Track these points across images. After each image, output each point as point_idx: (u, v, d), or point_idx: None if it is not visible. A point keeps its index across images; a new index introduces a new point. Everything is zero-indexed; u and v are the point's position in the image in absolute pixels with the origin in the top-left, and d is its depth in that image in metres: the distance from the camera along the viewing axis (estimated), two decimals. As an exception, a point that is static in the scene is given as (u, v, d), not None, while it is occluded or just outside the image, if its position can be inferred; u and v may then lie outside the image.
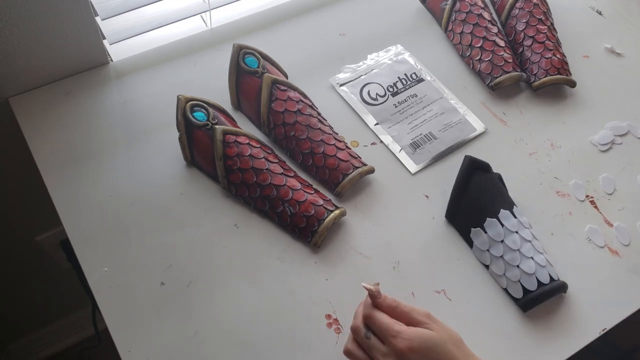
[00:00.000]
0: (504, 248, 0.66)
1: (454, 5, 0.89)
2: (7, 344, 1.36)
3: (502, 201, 0.69)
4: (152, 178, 0.73)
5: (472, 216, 0.69)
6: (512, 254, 0.66)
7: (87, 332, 1.48)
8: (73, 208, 0.69)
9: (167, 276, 0.65)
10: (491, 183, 0.70)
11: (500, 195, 0.70)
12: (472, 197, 0.69)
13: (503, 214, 0.68)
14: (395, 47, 0.88)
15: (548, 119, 0.82)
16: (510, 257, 0.66)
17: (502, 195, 0.70)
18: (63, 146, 0.74)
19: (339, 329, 0.63)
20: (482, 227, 0.68)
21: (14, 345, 1.38)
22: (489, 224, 0.67)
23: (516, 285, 0.65)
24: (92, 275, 0.65)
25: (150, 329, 0.62)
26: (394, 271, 0.68)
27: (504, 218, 0.67)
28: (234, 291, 0.65)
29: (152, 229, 0.69)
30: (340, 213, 0.69)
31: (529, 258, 0.65)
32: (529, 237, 0.67)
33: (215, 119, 0.72)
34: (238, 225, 0.70)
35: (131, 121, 0.78)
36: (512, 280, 0.65)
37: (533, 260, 0.65)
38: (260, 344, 0.62)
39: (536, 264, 0.65)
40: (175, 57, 0.85)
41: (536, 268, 0.65)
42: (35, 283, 1.20)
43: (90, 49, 0.79)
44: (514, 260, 0.65)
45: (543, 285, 0.64)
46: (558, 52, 0.85)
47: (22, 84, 0.78)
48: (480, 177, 0.70)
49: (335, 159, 0.72)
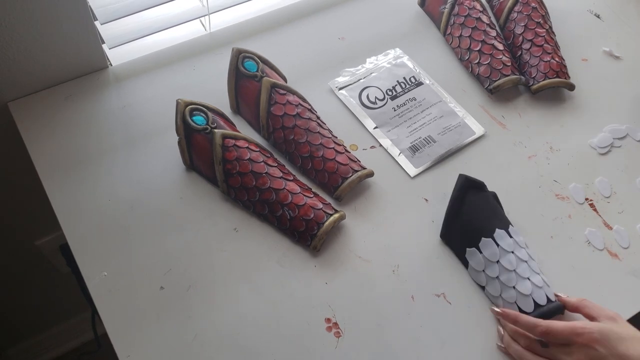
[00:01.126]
0: (499, 268, 0.65)
1: (453, 9, 0.89)
2: (6, 348, 1.36)
3: (497, 220, 0.68)
4: (152, 182, 0.73)
5: (467, 236, 0.67)
6: (508, 274, 0.65)
7: (86, 336, 1.48)
8: (72, 212, 0.69)
9: (166, 280, 0.65)
10: (485, 202, 0.69)
11: (495, 214, 0.69)
12: (466, 216, 0.68)
13: (498, 233, 0.66)
14: (394, 51, 0.88)
15: (547, 122, 0.83)
16: (506, 278, 0.64)
17: (497, 214, 0.69)
18: (62, 150, 0.74)
19: (339, 332, 0.63)
20: (477, 247, 0.66)
21: (13, 349, 1.38)
22: (484, 244, 0.66)
23: (512, 307, 0.64)
24: (91, 280, 0.65)
25: (149, 333, 0.62)
26: (394, 274, 0.68)
27: (499, 238, 0.66)
28: (234, 295, 0.65)
29: (152, 233, 0.69)
30: (340, 217, 0.69)
31: (525, 279, 0.64)
32: (525, 257, 0.66)
33: (215, 123, 0.72)
34: (237, 229, 0.70)
35: (130, 125, 0.78)
36: (509, 302, 0.64)
37: (529, 281, 0.64)
38: (260, 348, 0.62)
39: (533, 285, 0.64)
40: (175, 62, 0.85)
41: (532, 289, 0.64)
42: (35, 287, 1.20)
43: (89, 53, 0.79)
44: (510, 281, 0.64)
45: (540, 306, 0.63)
46: (557, 55, 0.85)
47: (21, 89, 0.78)
48: (474, 196, 0.69)
49: (335, 162, 0.72)
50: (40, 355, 1.46)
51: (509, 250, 0.66)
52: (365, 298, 0.66)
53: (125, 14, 0.78)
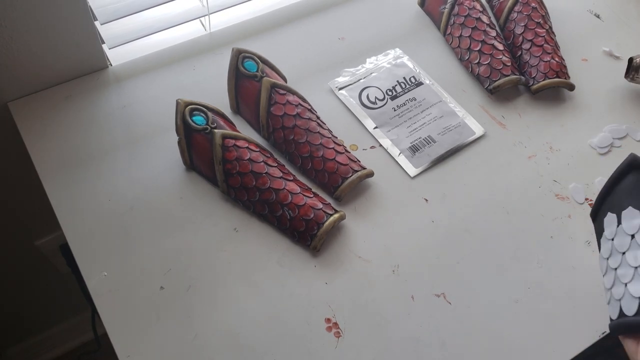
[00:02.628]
0: (622, 259, 0.56)
1: (453, 9, 0.89)
2: (6, 348, 1.36)
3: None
4: (152, 182, 0.73)
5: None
6: (626, 269, 0.55)
7: (86, 336, 1.48)
8: (72, 212, 0.69)
9: (166, 280, 0.65)
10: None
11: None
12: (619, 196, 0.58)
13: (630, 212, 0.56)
14: (394, 51, 0.88)
15: (547, 122, 0.83)
16: (623, 273, 0.55)
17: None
18: (62, 150, 0.74)
19: (339, 332, 0.63)
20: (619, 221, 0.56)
21: (13, 349, 1.38)
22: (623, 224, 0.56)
23: (616, 305, 0.55)
24: (91, 280, 0.65)
25: (149, 333, 0.62)
26: (394, 274, 0.68)
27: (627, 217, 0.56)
28: (234, 295, 0.65)
29: (152, 233, 0.69)
30: (340, 217, 0.69)
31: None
32: None
33: (215, 123, 0.72)
34: (237, 229, 0.70)
35: (130, 125, 0.78)
36: (615, 298, 0.55)
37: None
38: (260, 348, 0.62)
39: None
40: (175, 61, 0.85)
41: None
42: (35, 287, 1.20)
43: (89, 53, 0.79)
44: (625, 277, 0.55)
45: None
46: (556, 55, 0.85)
47: (21, 89, 0.78)
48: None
49: (335, 162, 0.72)
50: (40, 355, 1.46)
51: (630, 234, 0.55)
52: (365, 298, 0.66)
53: (125, 14, 0.78)
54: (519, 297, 0.67)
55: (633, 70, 0.83)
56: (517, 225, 0.72)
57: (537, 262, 0.70)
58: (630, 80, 0.84)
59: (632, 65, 0.83)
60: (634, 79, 0.83)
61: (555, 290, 0.68)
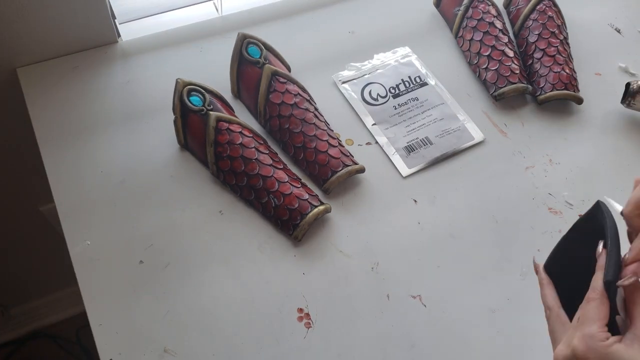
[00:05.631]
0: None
1: (467, 12, 0.88)
2: (9, 307, 1.40)
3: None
4: (145, 158, 0.74)
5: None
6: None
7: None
8: (64, 180, 0.71)
9: (146, 255, 0.66)
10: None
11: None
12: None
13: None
14: (403, 49, 0.88)
15: (550, 134, 0.81)
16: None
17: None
18: (63, 119, 0.76)
19: (309, 323, 0.64)
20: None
21: (16, 309, 1.42)
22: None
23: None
24: (74, 247, 0.66)
25: (124, 305, 0.63)
26: (372, 272, 0.67)
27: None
28: (210, 277, 0.66)
29: (138, 208, 0.70)
30: (325, 209, 0.69)
31: None
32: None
33: (211, 105, 0.73)
34: (223, 212, 0.71)
35: (132, 101, 0.79)
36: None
37: None
38: (229, 331, 0.62)
39: None
40: (183, 42, 0.86)
41: None
42: (38, 251, 1.23)
43: (99, 26, 0.81)
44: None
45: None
46: (568, 67, 0.83)
47: (31, 56, 0.80)
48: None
49: (326, 155, 0.72)
50: (43, 318, 1.49)
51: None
52: (341, 292, 0.66)
53: (137, -9, 0.79)
54: (497, 308, 0.66)
55: (630, 95, 0.80)
56: (505, 235, 0.71)
57: (520, 274, 0.69)
58: (626, 106, 0.81)
59: (629, 90, 0.79)
60: (630, 105, 0.80)
61: (535, 304, 0.66)
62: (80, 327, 1.48)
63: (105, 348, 0.60)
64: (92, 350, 1.31)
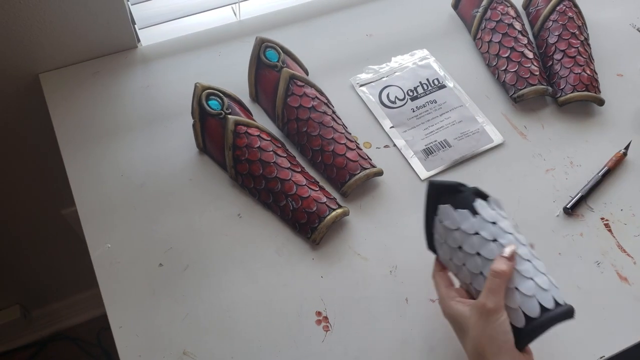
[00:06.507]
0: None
1: (485, 13, 0.87)
2: (31, 310, 1.42)
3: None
4: (164, 162, 0.75)
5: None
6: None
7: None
8: (85, 183, 0.72)
9: (166, 258, 0.67)
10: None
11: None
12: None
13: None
14: (421, 52, 0.87)
15: (571, 136, 0.80)
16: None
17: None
18: (84, 124, 0.77)
19: (328, 327, 0.63)
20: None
21: (38, 311, 1.44)
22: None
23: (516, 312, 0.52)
24: (95, 250, 0.67)
25: (143, 307, 0.64)
26: (390, 275, 0.67)
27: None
28: (229, 279, 0.66)
29: (157, 211, 0.70)
30: (343, 212, 0.69)
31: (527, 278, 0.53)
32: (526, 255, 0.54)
33: (230, 109, 0.73)
34: (241, 215, 0.71)
35: (151, 105, 0.80)
36: (510, 306, 0.52)
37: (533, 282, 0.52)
38: (247, 334, 0.63)
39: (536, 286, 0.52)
40: (202, 46, 0.87)
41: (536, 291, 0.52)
42: (61, 254, 1.25)
43: (119, 32, 0.82)
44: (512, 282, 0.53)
45: (546, 310, 0.51)
46: (589, 68, 0.82)
47: (52, 61, 0.81)
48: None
49: (344, 158, 0.72)
50: (64, 320, 1.51)
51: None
52: (359, 295, 0.66)
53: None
54: (517, 312, 0.65)
55: None
56: (525, 239, 0.70)
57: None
58: None
59: None
60: None
61: (556, 308, 0.66)
62: (101, 329, 1.50)
63: (125, 350, 0.61)
64: (113, 352, 1.32)
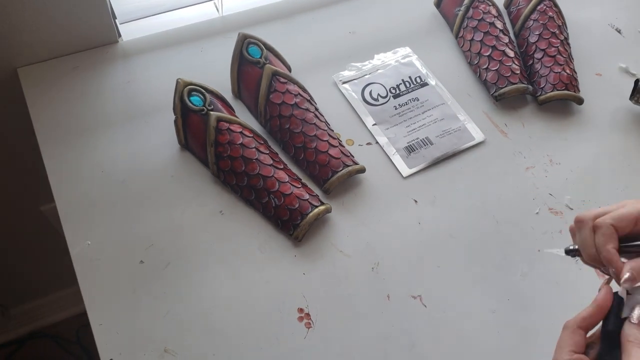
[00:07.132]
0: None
1: (467, 12, 0.88)
2: (9, 307, 1.40)
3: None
4: (146, 158, 0.74)
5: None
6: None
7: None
8: (65, 180, 0.71)
9: (147, 255, 0.66)
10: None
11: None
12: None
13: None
14: (404, 49, 0.88)
15: (550, 135, 0.81)
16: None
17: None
18: (63, 119, 0.76)
19: (310, 323, 0.64)
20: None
21: (16, 309, 1.42)
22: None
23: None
24: (74, 247, 0.66)
25: (124, 304, 0.63)
26: (372, 272, 0.68)
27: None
28: (211, 277, 0.66)
29: (139, 208, 0.70)
30: (325, 209, 0.69)
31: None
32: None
33: (212, 105, 0.73)
34: (223, 212, 0.71)
35: (132, 101, 0.79)
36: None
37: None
38: (229, 331, 0.62)
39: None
40: (184, 42, 0.86)
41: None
42: (40, 251, 1.23)
43: (100, 27, 0.81)
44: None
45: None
46: (568, 67, 0.83)
47: (31, 56, 0.80)
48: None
49: (327, 155, 0.72)
50: (43, 318, 1.49)
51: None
52: (341, 292, 0.66)
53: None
54: (497, 308, 0.66)
55: (638, 92, 0.80)
56: (505, 236, 0.71)
57: (520, 274, 0.69)
58: (635, 102, 0.81)
59: (638, 87, 0.80)
60: (638, 101, 0.81)
61: (535, 304, 0.67)
62: (81, 327, 1.48)
63: (105, 348, 0.60)
64: (93, 350, 1.31)
